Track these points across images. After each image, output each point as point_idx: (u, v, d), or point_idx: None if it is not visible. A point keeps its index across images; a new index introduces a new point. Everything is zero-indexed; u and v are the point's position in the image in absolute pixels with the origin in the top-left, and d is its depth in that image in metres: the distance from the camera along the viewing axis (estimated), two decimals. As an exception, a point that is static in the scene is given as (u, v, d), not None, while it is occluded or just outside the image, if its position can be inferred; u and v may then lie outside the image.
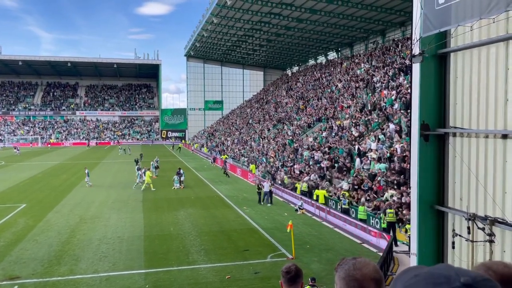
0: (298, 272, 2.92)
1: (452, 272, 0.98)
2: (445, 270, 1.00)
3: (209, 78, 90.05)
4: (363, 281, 1.44)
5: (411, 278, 1.01)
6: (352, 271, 1.48)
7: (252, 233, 18.09)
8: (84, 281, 12.54)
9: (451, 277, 0.96)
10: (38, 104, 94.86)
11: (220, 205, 23.98)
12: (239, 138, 55.49)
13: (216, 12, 51.50)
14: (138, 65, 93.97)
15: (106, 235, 17.38)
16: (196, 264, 14.00)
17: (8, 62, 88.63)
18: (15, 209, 22.54)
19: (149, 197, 26.24)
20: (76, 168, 41.45)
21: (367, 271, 1.47)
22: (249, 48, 71.42)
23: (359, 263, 1.49)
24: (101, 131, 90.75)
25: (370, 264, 1.50)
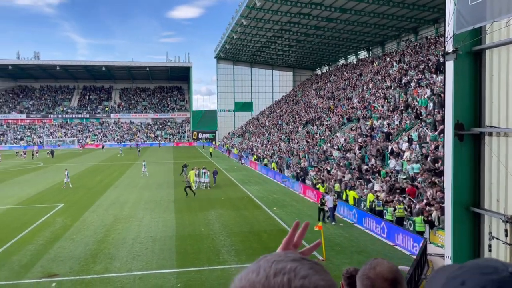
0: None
1: (499, 263, 0.97)
2: (491, 262, 0.98)
3: (238, 79, 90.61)
4: (376, 280, 1.44)
5: (456, 270, 1.00)
6: (366, 270, 1.50)
7: (282, 234, 18.00)
8: (119, 279, 12.89)
9: (499, 267, 0.95)
10: (75, 107, 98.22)
11: (250, 206, 24.09)
12: (268, 139, 55.54)
13: (246, 14, 51.79)
14: (170, 68, 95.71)
15: (140, 235, 17.80)
16: (226, 264, 14.13)
17: (46, 67, 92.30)
18: (53, 209, 23.42)
19: (180, 198, 26.67)
20: (110, 170, 42.65)
21: (381, 270, 1.48)
22: (278, 49, 71.41)
23: (375, 263, 1.50)
24: (135, 133, 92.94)
25: (385, 264, 1.51)
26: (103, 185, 32.35)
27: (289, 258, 0.83)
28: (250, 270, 0.83)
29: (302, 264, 0.81)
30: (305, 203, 25.24)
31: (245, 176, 37.46)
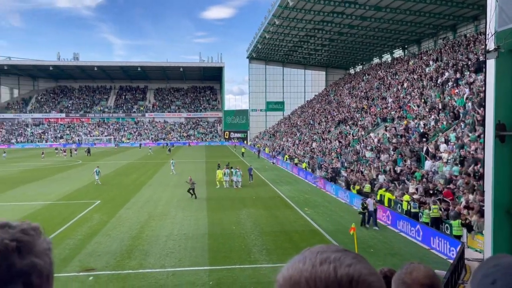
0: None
1: None
2: None
3: (270, 79, 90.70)
4: (412, 285, 1.42)
5: (491, 267, 0.99)
6: (402, 275, 1.47)
7: (314, 234, 17.96)
8: (153, 275, 13.18)
9: None
10: (111, 107, 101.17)
11: (281, 206, 24.06)
12: (300, 139, 55.27)
13: (278, 14, 51.74)
14: (203, 68, 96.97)
15: (173, 232, 18.12)
16: (258, 264, 14.17)
17: (85, 68, 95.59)
18: (90, 205, 24.20)
19: (212, 196, 26.97)
20: (145, 168, 43.65)
21: (417, 275, 1.45)
22: (310, 48, 70.93)
23: (411, 267, 1.47)
24: (168, 132, 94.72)
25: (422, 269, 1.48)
26: (138, 183, 33.15)
27: (333, 249, 0.87)
28: (296, 260, 0.87)
29: (346, 254, 0.85)
30: (338, 204, 24.96)
31: (277, 176, 37.45)
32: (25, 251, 0.88)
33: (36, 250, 0.90)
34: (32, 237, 0.91)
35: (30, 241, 0.90)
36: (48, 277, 0.90)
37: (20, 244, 0.88)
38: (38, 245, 0.91)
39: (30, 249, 0.89)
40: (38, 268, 0.88)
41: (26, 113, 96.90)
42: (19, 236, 0.89)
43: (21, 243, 0.87)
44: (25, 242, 0.88)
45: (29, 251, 0.88)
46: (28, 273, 0.86)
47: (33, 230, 0.94)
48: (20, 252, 0.87)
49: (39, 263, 0.88)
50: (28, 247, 0.88)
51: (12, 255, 0.85)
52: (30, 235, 0.91)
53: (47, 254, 0.92)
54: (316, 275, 0.80)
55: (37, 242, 0.92)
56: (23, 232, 0.90)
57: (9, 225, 0.91)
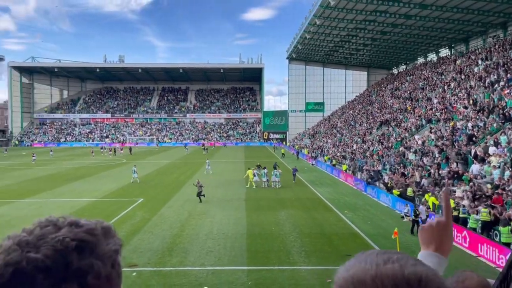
0: None
1: None
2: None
3: (310, 79, 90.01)
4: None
5: None
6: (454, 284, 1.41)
7: (354, 238, 17.62)
8: (193, 273, 13.39)
9: None
10: (154, 108, 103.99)
11: (320, 208, 23.79)
12: (340, 140, 54.46)
13: (319, 14, 51.26)
14: (243, 69, 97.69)
15: (212, 231, 18.34)
16: (296, 265, 14.07)
17: (130, 70, 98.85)
18: (134, 202, 24.94)
19: (251, 197, 27.07)
20: (186, 167, 44.49)
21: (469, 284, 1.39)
22: (352, 48, 69.76)
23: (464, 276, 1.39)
24: (208, 132, 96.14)
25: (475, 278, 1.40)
26: (179, 182, 33.83)
27: (392, 252, 0.86)
28: (356, 261, 0.85)
29: (408, 256, 0.84)
30: (379, 208, 24.37)
31: (316, 178, 37.08)
32: (86, 251, 0.88)
33: (98, 251, 0.90)
34: (97, 238, 0.91)
35: (93, 241, 0.90)
36: (108, 279, 0.89)
37: (82, 244, 0.88)
38: (101, 246, 0.91)
39: (91, 249, 0.89)
40: (96, 269, 0.87)
41: (75, 113, 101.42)
42: (83, 235, 0.89)
43: (82, 243, 0.88)
44: (87, 242, 0.89)
45: (90, 251, 0.88)
46: (85, 273, 0.86)
47: (102, 230, 0.94)
48: (80, 252, 0.87)
49: (98, 265, 0.88)
50: (90, 247, 0.89)
51: (70, 254, 0.85)
52: (95, 236, 0.91)
53: (111, 256, 0.92)
54: (382, 273, 0.78)
55: (102, 243, 0.92)
56: (88, 232, 0.91)
57: (77, 224, 0.92)
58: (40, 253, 0.84)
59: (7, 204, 24.40)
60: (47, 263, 0.83)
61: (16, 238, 0.88)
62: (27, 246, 0.86)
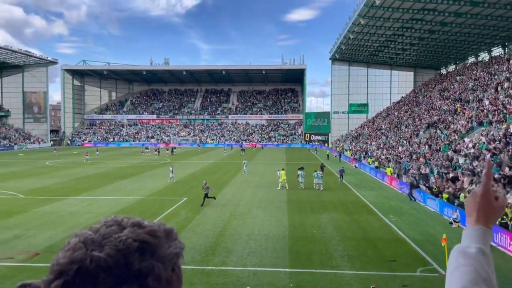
0: None
1: None
2: None
3: (354, 80, 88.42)
4: None
5: None
6: None
7: (400, 243, 17.08)
8: (235, 273, 13.48)
9: None
10: (197, 109, 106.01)
11: (364, 212, 23.27)
12: (385, 142, 53.08)
13: (364, 13, 50.28)
14: (285, 71, 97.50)
15: (254, 232, 18.40)
16: (339, 269, 13.83)
17: (174, 72, 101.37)
18: (178, 201, 25.49)
19: (293, 199, 26.93)
20: (228, 168, 44.98)
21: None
22: (398, 48, 67.88)
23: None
24: (250, 133, 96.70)
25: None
26: (221, 182, 34.23)
27: None
28: None
29: None
30: (426, 213, 23.52)
31: (359, 180, 36.35)
32: (147, 253, 0.88)
33: (160, 254, 0.90)
34: (159, 240, 0.92)
35: (155, 243, 0.90)
36: (168, 282, 0.90)
37: (143, 245, 0.88)
38: (163, 248, 0.92)
39: (153, 251, 0.89)
40: (156, 271, 0.87)
41: (122, 114, 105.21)
42: (145, 237, 0.90)
43: (144, 244, 0.88)
44: (149, 243, 0.89)
45: (152, 253, 0.89)
46: (145, 275, 0.86)
47: (164, 232, 0.95)
48: (142, 253, 0.87)
49: (159, 267, 0.88)
50: (151, 249, 0.89)
51: (132, 255, 0.86)
52: (157, 238, 0.92)
53: (172, 259, 0.93)
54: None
55: (163, 245, 0.92)
56: (150, 234, 0.91)
57: (140, 225, 0.93)
58: (103, 252, 0.85)
59: (60, 200, 25.67)
60: (109, 263, 0.84)
61: (82, 236, 0.89)
62: (92, 245, 0.87)
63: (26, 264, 14.17)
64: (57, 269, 0.85)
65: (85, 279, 0.83)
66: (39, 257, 14.85)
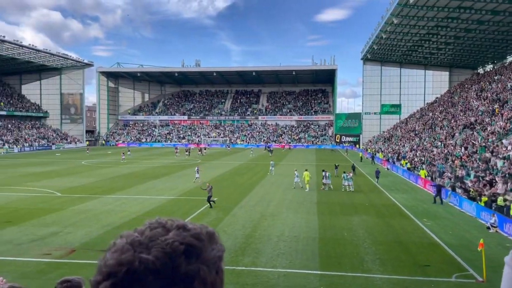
0: None
1: None
2: None
3: (386, 81, 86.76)
4: None
5: None
6: None
7: (434, 248, 16.61)
8: (264, 274, 13.48)
9: None
10: (227, 110, 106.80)
11: (396, 215, 22.78)
12: (418, 144, 51.77)
13: (397, 12, 49.28)
14: (315, 71, 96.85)
15: (284, 233, 18.34)
16: (370, 273, 13.58)
17: (205, 73, 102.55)
18: (208, 201, 25.71)
19: (323, 200, 26.69)
20: (258, 168, 45.05)
21: None
22: (432, 47, 66.13)
23: None
24: (279, 135, 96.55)
25: None
26: (251, 183, 34.34)
27: None
28: None
29: None
30: (462, 217, 22.78)
31: (391, 183, 35.62)
32: (193, 256, 0.89)
33: (204, 257, 0.91)
34: (203, 243, 0.93)
35: (200, 246, 0.91)
36: (213, 285, 0.90)
37: (189, 248, 0.89)
38: (207, 251, 0.92)
39: (198, 254, 0.90)
40: (202, 275, 0.88)
41: (154, 115, 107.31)
42: (190, 240, 0.91)
43: (190, 248, 0.89)
44: (194, 246, 0.90)
45: (197, 256, 0.89)
46: (192, 278, 0.87)
47: (207, 235, 0.96)
48: (188, 256, 0.88)
49: (204, 270, 0.89)
50: (197, 252, 0.90)
51: (179, 258, 0.87)
52: (201, 241, 0.93)
53: (216, 263, 0.93)
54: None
55: (208, 248, 0.93)
56: (195, 237, 0.92)
57: (184, 227, 0.94)
58: (151, 254, 0.85)
59: (95, 199, 26.44)
60: (157, 265, 0.84)
61: (129, 238, 0.91)
62: (139, 247, 0.88)
63: (63, 260, 14.66)
64: (105, 270, 0.86)
65: (133, 281, 0.83)
66: (75, 253, 15.35)
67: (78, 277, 2.75)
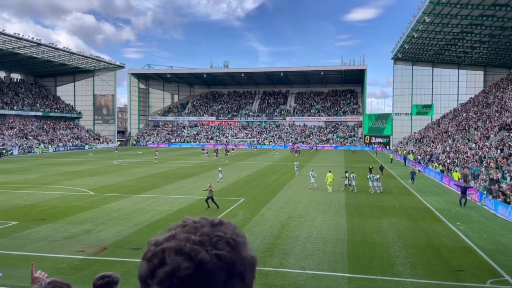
0: None
1: None
2: None
3: (417, 80, 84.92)
4: None
5: None
6: None
7: (467, 252, 16.10)
8: (292, 275, 13.42)
9: None
10: (255, 111, 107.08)
11: (428, 218, 22.22)
12: (451, 146, 50.34)
13: (429, 10, 48.13)
14: (344, 71, 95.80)
15: (312, 235, 18.21)
16: (401, 277, 13.30)
17: (233, 74, 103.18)
18: (236, 202, 25.87)
19: (352, 202, 26.35)
20: (285, 169, 44.93)
21: None
22: (466, 46, 64.24)
23: None
24: (307, 135, 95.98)
25: None
26: (278, 183, 34.28)
27: None
28: None
29: None
30: (497, 221, 21.99)
31: (423, 185, 34.78)
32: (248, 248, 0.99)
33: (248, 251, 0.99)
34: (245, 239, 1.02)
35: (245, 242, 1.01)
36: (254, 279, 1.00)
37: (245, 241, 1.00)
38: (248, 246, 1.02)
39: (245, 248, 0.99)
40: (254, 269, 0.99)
41: (183, 116, 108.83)
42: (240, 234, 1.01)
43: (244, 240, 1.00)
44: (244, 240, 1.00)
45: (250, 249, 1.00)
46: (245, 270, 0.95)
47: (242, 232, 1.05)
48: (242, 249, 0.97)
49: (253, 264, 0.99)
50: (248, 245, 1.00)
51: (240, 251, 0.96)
52: (244, 237, 1.02)
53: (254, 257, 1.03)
54: None
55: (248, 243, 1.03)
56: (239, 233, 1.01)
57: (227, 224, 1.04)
58: (223, 250, 0.92)
59: (126, 198, 27.04)
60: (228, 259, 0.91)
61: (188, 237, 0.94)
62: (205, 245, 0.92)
63: (96, 257, 15.05)
64: (183, 273, 0.87)
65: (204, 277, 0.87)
66: (107, 251, 15.74)
67: (116, 273, 2.83)
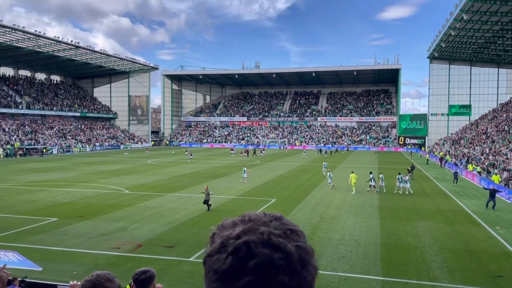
0: None
1: None
2: None
3: (454, 80, 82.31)
4: None
5: None
6: None
7: (508, 258, 15.48)
8: (324, 277, 13.29)
9: None
10: (286, 111, 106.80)
11: (466, 222, 21.50)
12: (491, 147, 48.51)
13: (467, 8, 46.58)
14: (377, 71, 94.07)
15: (344, 237, 17.99)
16: (438, 282, 12.93)
17: (265, 75, 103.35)
18: (267, 202, 25.90)
19: (385, 204, 25.84)
20: (317, 170, 44.57)
21: None
22: (507, 44, 61.74)
23: None
24: (339, 136, 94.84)
25: None
26: (310, 184, 34.06)
27: None
28: None
29: None
30: (540, 226, 20.99)
31: (460, 188, 33.69)
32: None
33: None
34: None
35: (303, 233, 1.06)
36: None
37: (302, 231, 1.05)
38: None
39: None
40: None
41: (215, 116, 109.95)
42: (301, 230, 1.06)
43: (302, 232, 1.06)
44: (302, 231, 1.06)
45: None
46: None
47: None
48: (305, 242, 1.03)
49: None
50: None
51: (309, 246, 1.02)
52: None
53: None
54: None
55: None
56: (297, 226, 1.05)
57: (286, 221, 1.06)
58: (299, 241, 0.97)
59: (160, 196, 27.59)
60: (306, 249, 0.97)
61: (267, 230, 0.98)
62: (288, 237, 0.97)
63: (131, 254, 15.44)
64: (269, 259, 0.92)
65: (293, 267, 0.93)
66: (142, 248, 16.11)
67: (153, 269, 2.90)
